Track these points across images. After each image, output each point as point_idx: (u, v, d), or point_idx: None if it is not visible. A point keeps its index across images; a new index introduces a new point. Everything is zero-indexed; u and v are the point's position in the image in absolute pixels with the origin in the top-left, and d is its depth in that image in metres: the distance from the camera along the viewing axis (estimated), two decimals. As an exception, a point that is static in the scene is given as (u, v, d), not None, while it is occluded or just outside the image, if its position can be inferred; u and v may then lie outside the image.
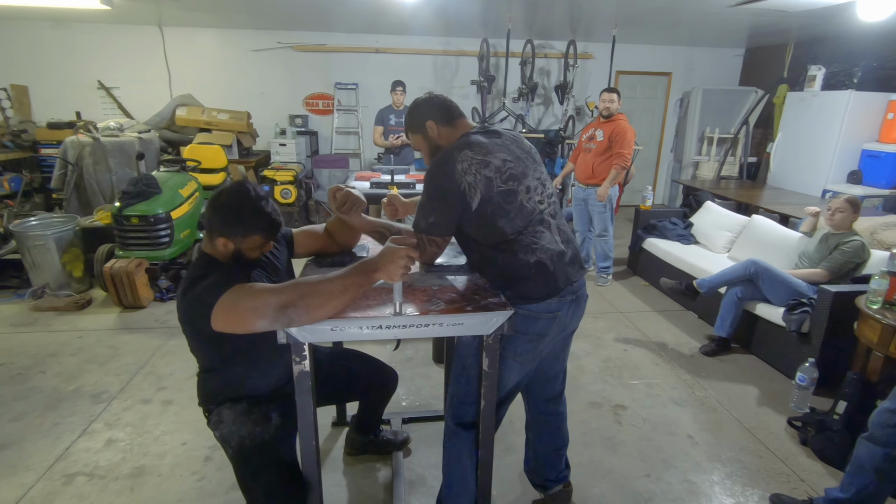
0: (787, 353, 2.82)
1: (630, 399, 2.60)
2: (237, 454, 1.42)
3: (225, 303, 1.20)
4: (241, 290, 1.21)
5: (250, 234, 1.33)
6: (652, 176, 7.41)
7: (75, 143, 4.72)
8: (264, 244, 1.38)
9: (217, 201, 1.35)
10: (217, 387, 1.47)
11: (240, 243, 1.34)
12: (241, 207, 1.32)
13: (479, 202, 1.36)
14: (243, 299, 1.19)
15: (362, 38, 6.29)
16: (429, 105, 1.52)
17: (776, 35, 5.80)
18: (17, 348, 2.96)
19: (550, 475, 1.85)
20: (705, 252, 3.94)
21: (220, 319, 1.21)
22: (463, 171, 1.35)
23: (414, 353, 2.98)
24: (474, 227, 1.42)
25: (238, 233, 1.32)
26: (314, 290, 1.18)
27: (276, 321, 1.17)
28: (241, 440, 1.40)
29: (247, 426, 1.40)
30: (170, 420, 2.34)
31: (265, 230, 1.35)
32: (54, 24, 5.79)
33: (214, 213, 1.34)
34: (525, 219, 1.41)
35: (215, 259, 1.38)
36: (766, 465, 2.14)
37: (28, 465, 2.04)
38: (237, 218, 1.32)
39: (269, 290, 1.19)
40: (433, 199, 1.41)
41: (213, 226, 1.35)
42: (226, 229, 1.32)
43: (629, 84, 6.90)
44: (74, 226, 3.75)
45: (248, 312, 1.17)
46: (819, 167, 5.13)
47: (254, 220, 1.33)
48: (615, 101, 3.93)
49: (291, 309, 1.16)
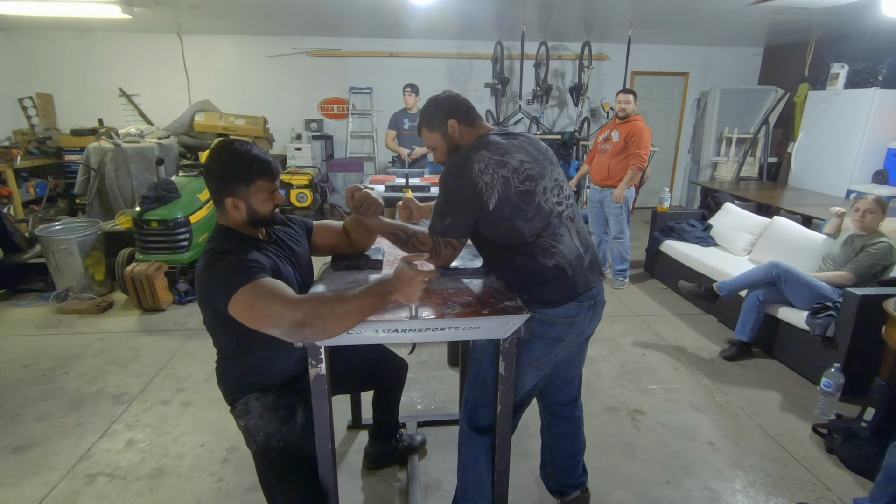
0: (811, 358, 2.75)
1: (648, 404, 2.56)
2: (261, 451, 1.41)
3: (244, 297, 1.19)
4: (262, 289, 1.20)
5: (252, 180, 1.31)
6: (669, 177, 7.31)
7: (97, 149, 4.83)
8: (271, 190, 1.36)
9: (209, 164, 1.34)
10: (239, 374, 1.44)
11: (247, 196, 1.32)
12: (231, 159, 1.32)
13: (497, 202, 1.35)
14: (262, 302, 1.18)
15: (377, 42, 6.34)
16: (452, 103, 1.50)
17: (797, 33, 5.69)
18: (42, 350, 3.03)
19: (568, 481, 1.83)
20: (725, 254, 3.87)
21: (236, 310, 1.21)
22: (480, 171, 1.35)
23: (429, 356, 2.98)
24: (491, 227, 1.41)
25: (240, 183, 1.31)
26: (331, 310, 1.17)
27: (289, 335, 1.18)
28: (266, 437, 1.39)
29: (274, 423, 1.39)
30: (188, 421, 2.37)
31: (263, 171, 1.33)
32: (78, 33, 5.94)
33: (211, 177, 1.34)
34: (543, 220, 1.40)
35: (234, 230, 1.36)
36: (791, 474, 2.08)
37: (52, 464, 2.08)
38: (232, 169, 1.31)
39: (288, 302, 1.18)
40: (449, 200, 1.40)
41: (216, 190, 1.33)
42: (228, 186, 1.31)
43: (645, 85, 6.82)
44: (97, 230, 3.83)
45: (263, 317, 1.18)
46: (843, 167, 5.00)
47: (249, 164, 1.31)
48: (631, 101, 3.89)
49: (308, 328, 1.16)
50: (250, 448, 1.45)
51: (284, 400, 1.43)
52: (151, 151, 5.00)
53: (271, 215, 1.39)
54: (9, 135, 5.81)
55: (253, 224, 1.37)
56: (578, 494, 1.84)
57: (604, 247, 4.37)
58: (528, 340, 1.40)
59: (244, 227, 1.37)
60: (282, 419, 1.40)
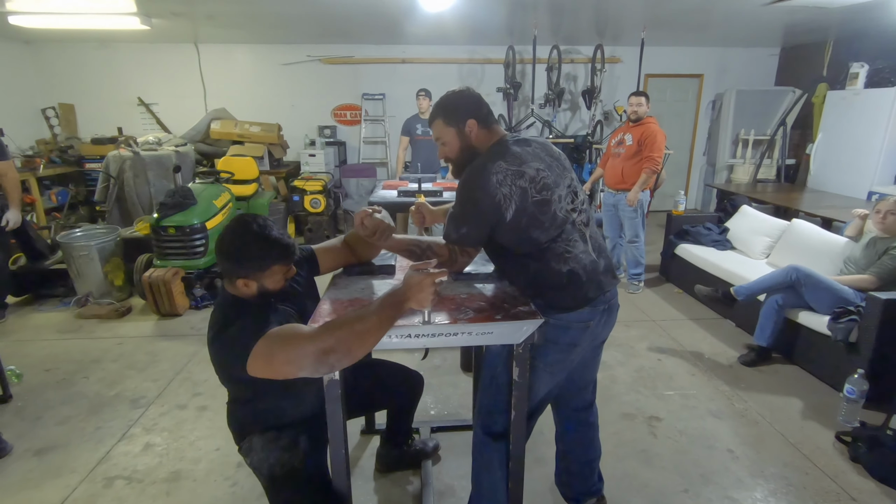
0: (833, 364, 2.68)
1: (665, 410, 2.52)
2: (268, 482, 1.41)
3: (260, 354, 1.17)
4: (275, 339, 1.17)
5: (267, 266, 1.28)
6: (684, 180, 7.23)
7: (117, 157, 4.94)
8: (287, 271, 1.34)
9: (222, 245, 1.30)
10: (248, 416, 1.47)
11: (260, 279, 1.30)
12: (247, 244, 1.27)
13: (514, 213, 1.35)
14: (279, 351, 1.15)
15: (389, 49, 6.39)
16: (475, 102, 1.48)
17: (814, 32, 5.60)
18: (62, 354, 3.09)
19: (583, 488, 1.81)
20: (742, 258, 3.80)
21: (257, 370, 1.18)
22: (498, 183, 1.33)
23: (442, 361, 2.97)
24: (507, 237, 1.40)
25: (254, 269, 1.28)
26: (352, 331, 1.14)
27: (317, 370, 1.14)
28: (270, 468, 1.39)
29: (275, 453, 1.40)
30: (204, 426, 2.39)
31: (280, 258, 1.30)
32: (99, 45, 6.09)
33: (224, 258, 1.30)
34: (558, 228, 1.39)
35: (241, 299, 1.34)
36: (814, 483, 2.03)
37: (72, 467, 2.12)
38: (248, 256, 1.27)
39: (305, 336, 1.14)
40: (466, 210, 1.39)
41: (228, 270, 1.30)
42: (241, 270, 1.28)
43: (659, 87, 6.76)
44: (116, 237, 3.91)
45: (284, 365, 1.15)
46: (863, 168, 4.89)
47: (266, 251, 1.28)
48: (643, 104, 3.86)
49: (332, 355, 1.13)
50: (261, 482, 1.45)
51: (286, 432, 1.44)
52: (169, 159, 5.10)
53: (282, 289, 1.37)
54: (32, 144, 5.97)
55: (262, 298, 1.35)
56: (594, 502, 1.81)
57: (618, 251, 4.33)
58: (542, 345, 1.39)
59: (254, 299, 1.35)
60: (283, 448, 1.41)
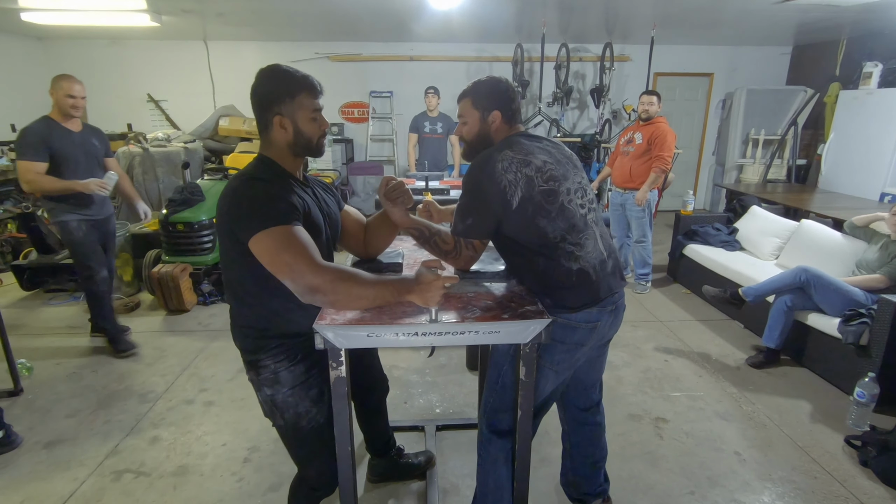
0: (843, 367, 2.65)
1: (672, 412, 2.50)
2: (290, 427, 1.40)
3: (273, 238, 1.18)
4: (293, 239, 1.19)
5: (296, 93, 1.31)
6: (693, 180, 7.17)
7: (126, 153, 4.98)
8: (315, 108, 1.34)
9: (254, 88, 1.33)
10: (256, 321, 1.35)
11: (293, 113, 1.31)
12: (274, 75, 1.33)
13: (520, 201, 1.35)
14: (289, 252, 1.18)
15: (397, 46, 6.38)
16: (507, 96, 1.50)
17: (827, 31, 5.52)
18: (72, 348, 3.12)
19: (589, 489, 1.80)
20: (751, 259, 3.77)
21: (259, 247, 1.19)
22: (503, 170, 1.35)
23: (447, 359, 2.97)
24: (515, 227, 1.39)
25: (284, 97, 1.30)
26: (349, 289, 1.20)
27: (300, 294, 1.20)
28: (297, 417, 1.38)
29: (305, 403, 1.38)
30: (211, 421, 2.41)
31: (305, 83, 1.33)
32: (109, 42, 6.14)
33: (256, 98, 1.32)
34: (567, 221, 1.39)
35: (276, 163, 1.35)
36: (822, 487, 2.01)
37: (81, 460, 2.14)
38: (276, 83, 1.31)
39: (312, 263, 1.19)
40: (472, 199, 1.40)
41: (263, 108, 1.32)
42: (274, 102, 1.30)
43: (668, 86, 6.72)
44: (125, 232, 3.94)
45: (284, 267, 1.18)
46: (876, 169, 4.83)
47: (291, 77, 1.32)
48: (654, 103, 3.83)
49: (320, 296, 1.19)
50: (272, 418, 1.41)
51: (314, 377, 1.39)
52: (178, 155, 5.13)
53: (318, 142, 1.37)
54: (43, 140, 6.02)
55: (300, 150, 1.35)
56: (600, 503, 1.81)
57: (625, 250, 4.30)
58: (549, 345, 1.39)
59: (288, 158, 1.36)
60: (313, 400, 1.38)
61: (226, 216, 1.26)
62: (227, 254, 1.32)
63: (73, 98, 2.71)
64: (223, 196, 1.28)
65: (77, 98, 2.73)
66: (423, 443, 2.23)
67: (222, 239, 1.31)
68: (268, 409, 1.41)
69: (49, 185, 2.68)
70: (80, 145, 2.79)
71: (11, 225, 4.64)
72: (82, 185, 2.71)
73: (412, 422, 2.39)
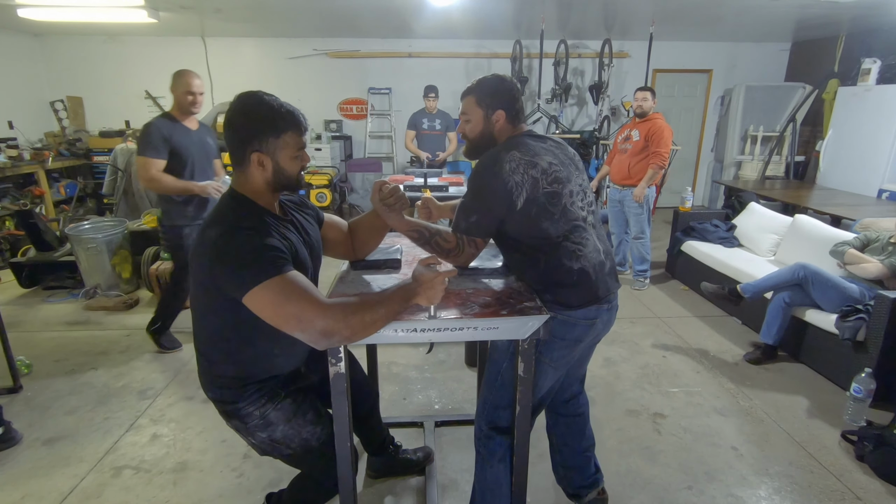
0: (840, 363, 2.66)
1: (669, 407, 2.51)
2: (302, 452, 1.38)
3: (272, 291, 1.10)
4: (292, 287, 1.12)
5: (282, 131, 1.21)
6: (691, 177, 7.18)
7: (124, 150, 4.96)
8: (300, 146, 1.26)
9: (231, 116, 1.21)
10: (235, 372, 1.31)
11: (275, 152, 1.21)
12: (258, 106, 1.21)
13: (525, 202, 1.36)
14: (293, 303, 1.10)
15: (395, 43, 6.37)
16: (511, 96, 1.49)
17: (826, 27, 5.52)
18: (71, 345, 3.13)
19: (582, 481, 1.82)
20: (749, 255, 3.78)
21: (256, 303, 1.12)
22: (511, 171, 1.35)
23: (446, 356, 2.98)
24: (518, 227, 1.40)
25: (269, 135, 1.20)
26: (361, 320, 1.13)
27: (315, 342, 1.13)
28: (304, 442, 1.37)
29: (307, 427, 1.37)
30: (210, 417, 2.41)
31: (293, 122, 1.23)
32: (107, 38, 6.11)
33: (233, 129, 1.21)
34: (569, 223, 1.40)
35: (250, 200, 1.25)
36: (819, 481, 2.02)
37: (81, 456, 2.14)
38: (260, 118, 1.20)
39: (319, 307, 1.11)
40: (477, 198, 1.40)
41: (240, 142, 1.21)
42: (255, 138, 1.20)
43: (667, 83, 6.71)
44: (123, 229, 3.94)
45: (292, 319, 1.11)
46: (874, 165, 4.83)
47: (278, 113, 1.21)
48: (648, 99, 3.83)
49: (336, 337, 1.12)
50: (277, 454, 1.39)
51: (304, 402, 1.39)
52: (176, 152, 5.11)
53: (297, 178, 1.28)
54: (41, 136, 6.01)
55: (278, 187, 1.27)
56: (596, 496, 1.82)
57: (624, 247, 4.31)
58: (548, 341, 1.39)
59: (265, 195, 1.27)
60: (312, 421, 1.38)
61: (207, 271, 1.18)
62: (202, 306, 1.27)
63: (192, 94, 2.65)
64: (200, 246, 1.19)
65: (196, 94, 2.66)
66: (423, 439, 2.24)
67: (197, 291, 1.24)
68: (267, 449, 1.38)
69: (168, 185, 2.58)
70: (197, 144, 2.72)
71: (9, 222, 4.63)
72: (200, 187, 2.62)
73: (411, 418, 2.40)
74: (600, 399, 2.57)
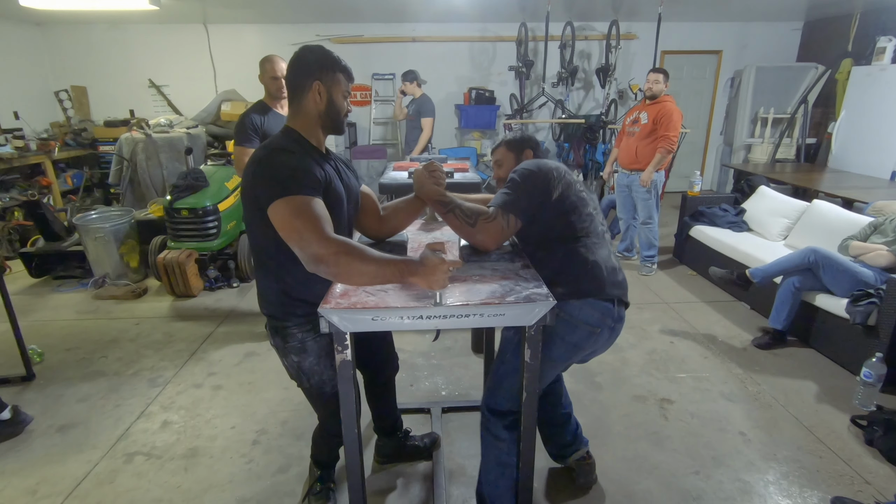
0: (850, 348, 2.64)
1: (677, 393, 2.51)
2: (315, 391, 1.51)
3: (289, 205, 1.24)
4: (306, 208, 1.24)
5: (339, 70, 1.40)
6: (700, 160, 7.08)
7: (129, 139, 4.97)
8: (349, 89, 1.44)
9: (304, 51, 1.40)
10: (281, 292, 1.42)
11: (331, 86, 1.39)
12: (325, 50, 1.41)
13: (559, 195, 1.50)
14: (300, 220, 1.22)
15: (399, 27, 6.28)
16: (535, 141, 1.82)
17: (840, 5, 5.38)
18: (81, 334, 3.16)
19: (563, 439, 1.90)
20: (759, 240, 3.73)
21: (275, 212, 1.25)
22: (553, 167, 1.53)
23: (453, 342, 2.98)
24: (548, 217, 1.50)
25: (331, 70, 1.38)
26: (351, 264, 1.22)
27: (304, 261, 1.24)
28: (321, 383, 1.49)
29: (329, 371, 1.48)
30: (220, 404, 2.44)
31: (346, 69, 1.43)
32: (109, 26, 6.07)
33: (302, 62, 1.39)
34: (592, 225, 1.54)
35: (302, 136, 1.41)
36: (827, 466, 2.02)
37: (94, 443, 2.18)
38: (324, 56, 1.40)
39: (321, 235, 1.22)
40: (522, 180, 1.51)
41: (306, 72, 1.38)
42: (319, 69, 1.38)
43: (676, 64, 6.58)
44: (130, 219, 3.95)
45: (294, 233, 1.23)
46: (888, 147, 4.74)
47: (337, 60, 1.41)
48: (661, 81, 3.76)
49: (323, 266, 1.22)
50: (297, 381, 1.51)
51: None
52: (180, 141, 5.11)
53: (343, 117, 1.45)
54: (46, 127, 6.02)
55: (328, 121, 1.42)
56: (582, 459, 1.89)
57: (631, 232, 4.27)
58: (549, 340, 1.43)
59: (315, 131, 1.42)
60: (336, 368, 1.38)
61: (250, 183, 1.32)
62: (251, 221, 1.38)
63: (277, 79, 2.66)
64: (249, 164, 1.34)
65: (281, 78, 2.65)
66: (430, 425, 2.26)
67: (246, 206, 1.38)
68: (294, 373, 1.51)
69: None
70: None
71: (18, 212, 4.66)
72: None
73: (418, 404, 2.41)
74: (607, 385, 2.57)
